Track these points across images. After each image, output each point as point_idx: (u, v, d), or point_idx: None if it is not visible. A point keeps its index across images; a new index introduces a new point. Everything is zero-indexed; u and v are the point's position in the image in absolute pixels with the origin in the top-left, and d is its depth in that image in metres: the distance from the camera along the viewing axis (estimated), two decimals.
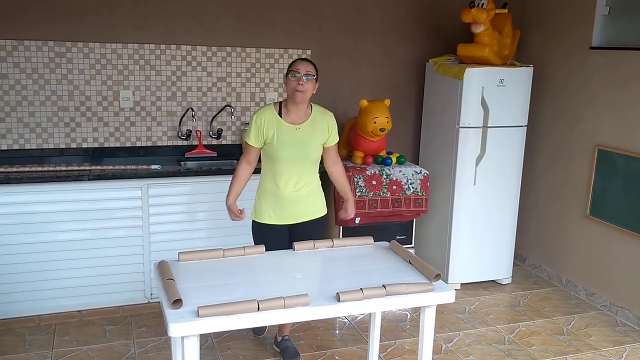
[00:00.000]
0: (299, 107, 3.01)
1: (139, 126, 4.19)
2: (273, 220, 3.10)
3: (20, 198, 3.53)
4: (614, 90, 4.03)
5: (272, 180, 3.07)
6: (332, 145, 3.14)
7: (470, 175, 4.29)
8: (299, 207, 3.09)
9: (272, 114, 3.01)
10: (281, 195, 3.05)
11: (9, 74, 3.85)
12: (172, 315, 2.13)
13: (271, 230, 3.11)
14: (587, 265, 4.32)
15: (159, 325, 3.70)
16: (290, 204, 3.07)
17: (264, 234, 3.11)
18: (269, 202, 3.09)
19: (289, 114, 3.02)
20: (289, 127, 3.00)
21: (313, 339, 3.64)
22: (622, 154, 3.96)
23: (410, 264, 2.70)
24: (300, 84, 2.91)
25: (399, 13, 4.62)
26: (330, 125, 3.10)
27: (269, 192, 3.09)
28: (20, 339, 3.54)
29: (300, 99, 2.95)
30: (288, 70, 2.98)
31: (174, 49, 4.15)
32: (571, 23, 4.36)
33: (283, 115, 3.02)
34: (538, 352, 3.57)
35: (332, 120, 3.12)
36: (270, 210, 3.09)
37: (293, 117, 3.02)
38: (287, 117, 3.02)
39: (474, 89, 4.17)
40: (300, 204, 3.09)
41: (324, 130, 3.08)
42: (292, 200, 3.06)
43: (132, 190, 3.73)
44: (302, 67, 2.94)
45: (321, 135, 3.07)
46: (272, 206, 3.09)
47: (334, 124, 3.12)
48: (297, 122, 3.02)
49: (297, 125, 3.01)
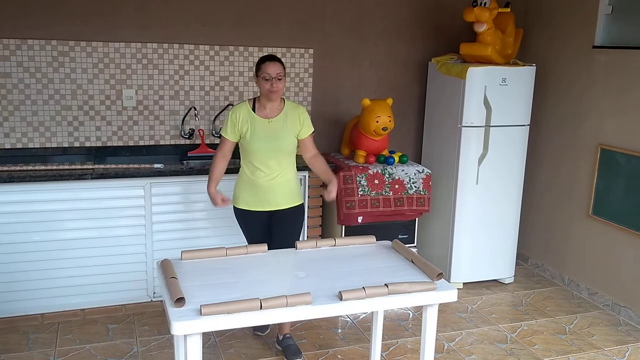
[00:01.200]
0: (273, 103, 3.21)
1: (141, 125, 4.19)
2: (249, 206, 3.29)
3: (23, 197, 3.54)
4: (617, 90, 4.02)
5: (248, 169, 3.26)
6: (306, 137, 3.30)
7: (472, 174, 4.29)
8: (272, 194, 3.25)
9: (247, 110, 3.22)
10: (256, 183, 3.24)
11: (13, 73, 3.85)
12: (175, 314, 2.14)
13: (249, 215, 3.31)
14: (590, 265, 4.32)
15: (162, 324, 3.71)
16: (263, 191, 3.24)
17: (243, 219, 3.35)
18: (245, 189, 3.29)
19: (262, 109, 3.22)
20: (262, 122, 3.20)
21: (315, 338, 3.64)
22: (625, 153, 3.95)
23: (413, 263, 2.71)
24: (273, 85, 3.11)
25: (401, 12, 4.62)
26: (302, 117, 3.27)
27: (245, 180, 3.29)
28: (24, 337, 3.55)
29: (275, 97, 3.17)
30: (258, 71, 3.16)
31: (177, 48, 4.15)
32: (574, 22, 4.35)
33: (257, 110, 3.22)
34: (540, 351, 3.57)
35: (303, 112, 3.29)
36: (246, 196, 3.29)
37: (266, 111, 3.22)
38: (260, 112, 3.22)
39: (477, 88, 4.16)
40: (274, 191, 3.25)
41: (295, 122, 3.24)
42: (266, 188, 3.24)
43: (135, 189, 3.73)
44: (272, 69, 3.11)
45: (292, 127, 3.24)
46: (248, 193, 3.28)
47: (306, 115, 3.30)
48: (270, 116, 3.21)
49: (269, 119, 3.20)
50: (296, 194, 3.35)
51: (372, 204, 4.08)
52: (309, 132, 3.31)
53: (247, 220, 3.35)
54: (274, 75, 3.10)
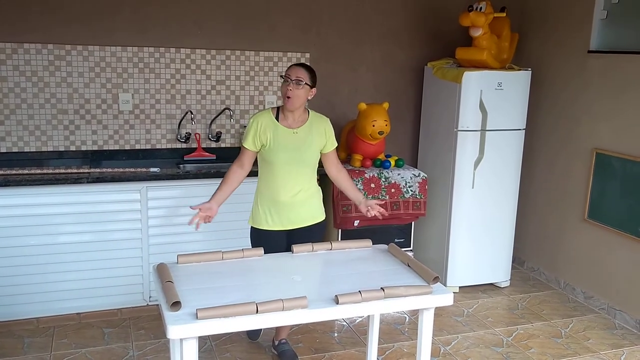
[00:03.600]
0: (294, 112, 3.01)
1: (138, 129, 4.19)
2: (270, 226, 3.09)
3: (19, 201, 3.53)
4: (612, 94, 4.04)
5: (268, 185, 3.06)
6: (331, 151, 3.15)
7: (468, 178, 4.30)
8: (295, 212, 3.08)
9: (269, 118, 3.02)
10: (278, 200, 3.05)
11: (9, 76, 3.85)
12: (171, 318, 2.14)
13: (269, 236, 3.10)
14: (585, 269, 4.33)
15: (158, 328, 3.70)
16: (286, 209, 3.06)
17: (261, 240, 3.09)
18: (266, 207, 3.09)
19: (285, 118, 3.03)
20: (286, 131, 3.01)
21: (311, 342, 3.64)
22: (620, 158, 3.97)
23: (409, 267, 2.71)
24: (289, 89, 2.93)
25: (397, 17, 4.64)
26: (328, 131, 3.11)
27: (266, 197, 3.08)
28: (19, 341, 3.53)
29: (290, 105, 2.96)
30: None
31: (173, 52, 4.16)
32: (569, 27, 4.37)
33: (280, 119, 3.03)
34: (536, 355, 3.58)
35: (328, 125, 3.13)
36: (267, 215, 3.09)
37: (289, 121, 3.03)
38: (284, 121, 3.03)
39: (473, 93, 4.18)
40: (297, 209, 3.07)
41: (321, 135, 3.08)
42: (289, 205, 3.05)
43: (131, 193, 3.73)
44: (293, 72, 2.95)
45: (318, 140, 3.08)
46: (269, 212, 3.08)
47: (331, 129, 3.14)
48: (293, 127, 3.03)
49: (294, 130, 3.02)
50: (319, 211, 3.18)
51: None
52: (334, 146, 3.15)
53: (264, 241, 3.06)
54: (293, 77, 2.92)
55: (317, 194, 3.18)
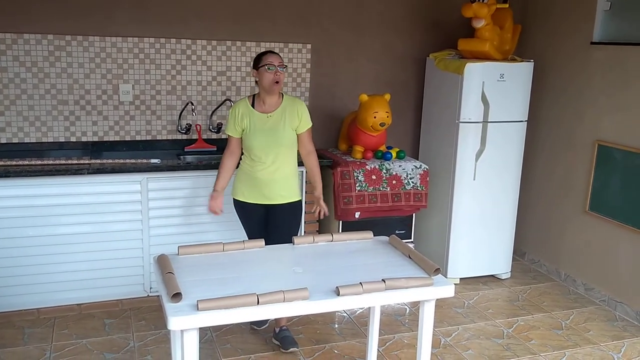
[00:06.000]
0: (272, 97, 3.25)
1: (138, 120, 4.18)
2: (246, 198, 3.34)
3: (19, 191, 3.53)
4: (615, 86, 4.02)
5: (248, 163, 3.31)
6: (304, 132, 3.32)
7: (470, 170, 4.29)
8: (269, 189, 3.29)
9: (246, 106, 3.27)
10: (254, 176, 3.28)
11: (9, 67, 3.84)
12: (172, 309, 2.14)
13: (246, 208, 3.37)
14: (586, 260, 4.33)
15: (159, 319, 3.71)
16: (261, 185, 3.28)
17: (241, 210, 3.40)
18: (243, 181, 3.34)
19: (261, 104, 3.27)
20: (261, 116, 3.24)
21: (312, 333, 3.64)
22: (622, 150, 3.95)
23: (410, 259, 2.71)
24: (277, 74, 3.15)
25: (399, 7, 4.61)
26: (300, 111, 3.29)
27: (245, 173, 3.33)
28: (20, 332, 3.54)
29: (278, 89, 3.21)
30: (259, 64, 3.18)
31: (174, 43, 4.14)
32: (572, 18, 4.35)
33: (256, 106, 3.27)
34: (537, 346, 3.58)
35: (302, 106, 3.31)
36: (244, 188, 3.34)
37: (265, 107, 3.26)
38: (259, 107, 3.27)
39: (475, 84, 4.16)
40: (272, 186, 3.28)
41: (293, 116, 3.26)
42: (264, 182, 3.27)
43: (132, 184, 3.72)
44: (275, 59, 3.17)
45: (291, 122, 3.26)
46: (246, 185, 3.33)
47: (304, 109, 3.31)
48: (268, 111, 3.25)
49: (268, 114, 3.24)
50: (294, 190, 3.37)
51: (370, 200, 4.08)
52: (307, 127, 3.33)
53: (245, 212, 3.39)
54: (277, 63, 3.15)
55: (293, 174, 3.37)
